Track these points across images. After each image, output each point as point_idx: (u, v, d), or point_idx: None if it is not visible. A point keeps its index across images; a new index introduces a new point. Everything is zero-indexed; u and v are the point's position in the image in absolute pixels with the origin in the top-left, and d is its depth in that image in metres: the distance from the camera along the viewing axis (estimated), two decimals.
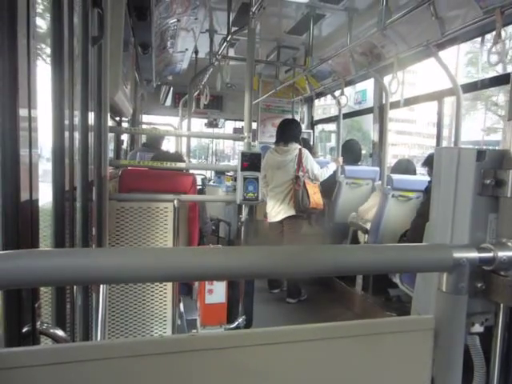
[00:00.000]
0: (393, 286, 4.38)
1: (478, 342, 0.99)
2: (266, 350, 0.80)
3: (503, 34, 2.77)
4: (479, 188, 0.92)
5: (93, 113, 2.14)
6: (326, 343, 0.83)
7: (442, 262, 0.85)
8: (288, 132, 5.17)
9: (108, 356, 0.71)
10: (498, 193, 0.91)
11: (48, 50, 1.42)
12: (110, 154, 4.99)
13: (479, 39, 3.58)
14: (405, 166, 5.14)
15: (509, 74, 3.42)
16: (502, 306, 0.95)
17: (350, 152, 5.92)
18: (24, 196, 0.98)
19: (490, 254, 0.87)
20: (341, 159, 5.66)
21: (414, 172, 5.11)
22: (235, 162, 2.92)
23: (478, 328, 0.98)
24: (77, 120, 1.76)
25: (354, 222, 5.21)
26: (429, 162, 4.39)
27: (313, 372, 0.82)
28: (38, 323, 1.07)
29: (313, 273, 0.84)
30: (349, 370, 0.85)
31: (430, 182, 4.17)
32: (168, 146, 8.27)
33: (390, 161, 6.01)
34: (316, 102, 8.15)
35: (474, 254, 0.86)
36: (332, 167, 5.40)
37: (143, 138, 6.96)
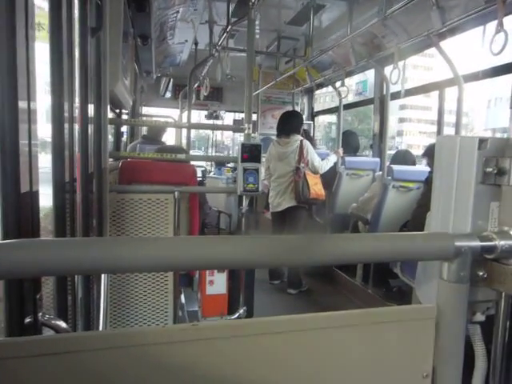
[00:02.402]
0: (393, 276, 4.40)
1: (479, 331, 0.99)
2: (268, 339, 0.80)
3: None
4: (481, 176, 0.92)
5: (92, 105, 2.14)
6: (328, 332, 0.84)
7: (443, 251, 0.85)
8: (289, 124, 5.18)
9: (110, 345, 0.71)
10: (500, 181, 0.91)
11: (46, 41, 1.41)
12: (110, 146, 4.98)
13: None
14: (403, 157, 5.14)
15: (511, 63, 3.41)
16: (503, 294, 0.95)
17: (349, 143, 5.93)
18: (24, 187, 0.98)
19: (492, 243, 0.86)
20: (341, 150, 5.67)
21: (413, 163, 5.12)
22: (234, 153, 2.93)
23: (479, 317, 0.98)
24: (76, 112, 1.76)
25: (355, 212, 5.22)
26: (428, 153, 4.38)
27: (314, 360, 0.82)
28: (40, 314, 1.07)
29: (315, 262, 0.84)
30: (350, 358, 0.85)
31: (430, 172, 4.16)
32: (168, 137, 8.28)
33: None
34: (324, 89, 8.07)
35: (476, 243, 0.86)
36: (332, 159, 5.41)
37: (143, 130, 6.96)
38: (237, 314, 3.04)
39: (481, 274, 0.90)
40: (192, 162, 3.59)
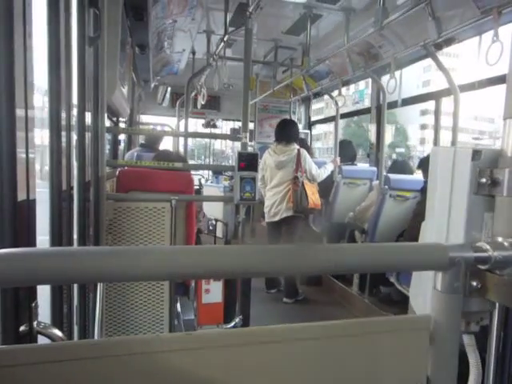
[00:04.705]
0: (385, 284, 4.45)
1: (473, 341, 0.99)
2: (262, 348, 0.80)
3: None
4: (475, 187, 0.92)
5: (90, 113, 2.15)
6: (323, 342, 0.84)
7: (437, 261, 0.85)
8: (289, 132, 5.19)
9: (105, 354, 0.71)
10: (494, 192, 0.92)
11: (45, 50, 1.42)
12: (107, 155, 4.98)
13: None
14: (401, 167, 5.16)
15: (505, 74, 3.42)
16: (497, 305, 0.95)
17: (346, 152, 5.96)
18: (21, 195, 0.99)
19: (486, 253, 0.87)
20: (338, 159, 5.69)
21: (410, 172, 5.14)
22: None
23: (473, 327, 0.98)
24: (74, 120, 1.76)
25: (352, 222, 5.22)
26: (423, 165, 4.41)
27: (309, 370, 0.83)
28: (35, 323, 1.07)
29: (311, 271, 0.84)
30: (345, 368, 0.86)
31: (425, 182, 4.17)
32: (165, 146, 8.28)
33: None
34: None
35: (470, 253, 0.86)
36: (330, 167, 5.43)
37: (141, 138, 6.97)
38: (233, 323, 3.04)
39: (475, 284, 0.91)
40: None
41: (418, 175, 5.01)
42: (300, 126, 7.89)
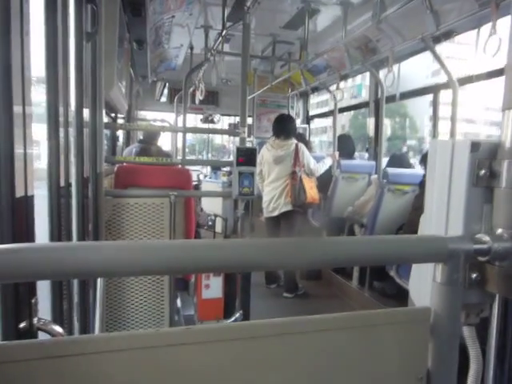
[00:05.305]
0: (379, 279, 4.46)
1: (473, 333, 0.99)
2: (263, 342, 0.80)
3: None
4: (474, 179, 0.92)
5: (87, 109, 2.14)
6: (323, 335, 0.84)
7: (437, 253, 0.85)
8: (288, 126, 5.18)
9: (105, 349, 0.71)
10: (493, 183, 0.91)
11: (42, 46, 1.42)
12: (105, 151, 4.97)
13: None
14: (399, 160, 5.16)
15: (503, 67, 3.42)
16: (497, 296, 0.95)
17: (344, 146, 5.95)
18: (19, 192, 0.98)
19: (485, 245, 0.87)
20: (337, 154, 5.68)
21: (408, 166, 5.14)
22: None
23: (473, 319, 0.98)
24: (71, 116, 1.76)
25: (351, 216, 5.22)
26: (425, 160, 4.40)
27: (309, 363, 0.83)
28: (36, 319, 1.07)
29: (310, 265, 0.84)
30: (345, 360, 0.86)
31: (424, 175, 4.18)
32: (163, 141, 8.27)
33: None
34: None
35: (469, 245, 0.86)
36: (328, 162, 5.42)
37: (139, 135, 6.96)
38: (233, 318, 3.04)
39: (474, 276, 0.91)
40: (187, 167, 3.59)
41: (418, 170, 5.02)
42: (298, 121, 7.88)
